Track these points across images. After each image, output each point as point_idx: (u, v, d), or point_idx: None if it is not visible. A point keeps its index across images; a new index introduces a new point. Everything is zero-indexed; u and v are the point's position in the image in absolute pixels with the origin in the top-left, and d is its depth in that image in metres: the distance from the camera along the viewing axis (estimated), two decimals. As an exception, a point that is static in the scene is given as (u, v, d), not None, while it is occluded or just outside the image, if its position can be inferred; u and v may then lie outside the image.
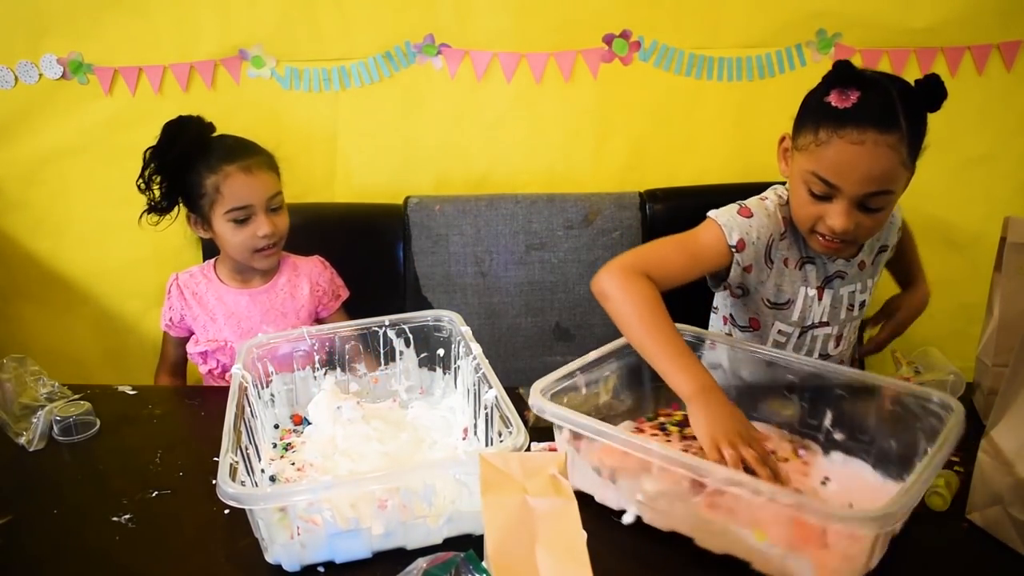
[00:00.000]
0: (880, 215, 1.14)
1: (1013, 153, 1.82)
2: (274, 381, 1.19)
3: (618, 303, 1.11)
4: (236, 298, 1.51)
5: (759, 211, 1.23)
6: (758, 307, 1.29)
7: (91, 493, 1.05)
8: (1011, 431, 0.90)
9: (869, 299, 1.34)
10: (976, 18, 1.72)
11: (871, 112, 1.08)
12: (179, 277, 1.53)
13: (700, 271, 1.22)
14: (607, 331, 1.14)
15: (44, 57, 1.74)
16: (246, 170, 1.41)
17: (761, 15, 1.75)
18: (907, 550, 0.91)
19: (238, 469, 0.88)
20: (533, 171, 1.87)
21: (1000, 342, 1.14)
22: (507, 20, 1.75)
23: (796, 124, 1.19)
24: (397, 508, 0.88)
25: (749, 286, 1.27)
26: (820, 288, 1.27)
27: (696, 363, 1.04)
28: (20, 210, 1.85)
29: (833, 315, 1.29)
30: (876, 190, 1.11)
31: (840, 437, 1.06)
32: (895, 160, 1.09)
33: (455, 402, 1.19)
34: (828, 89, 1.12)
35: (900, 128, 1.08)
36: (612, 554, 0.89)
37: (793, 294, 1.26)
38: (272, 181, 1.46)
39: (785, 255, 1.25)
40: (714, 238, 1.21)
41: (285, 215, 1.49)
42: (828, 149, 1.11)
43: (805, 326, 1.29)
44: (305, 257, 1.60)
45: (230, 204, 1.41)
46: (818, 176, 1.12)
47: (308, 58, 1.78)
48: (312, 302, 1.55)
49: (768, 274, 1.25)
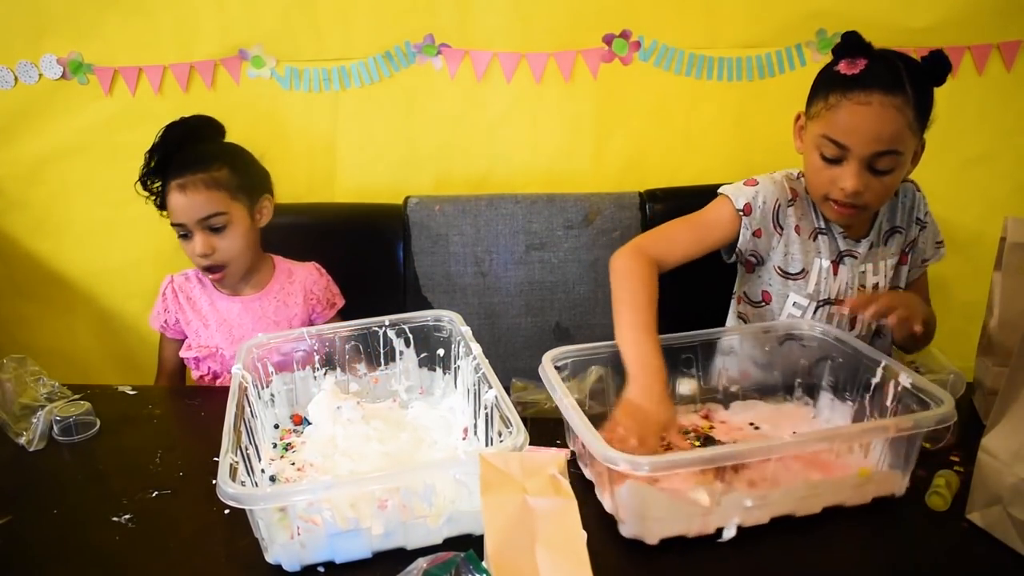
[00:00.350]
0: (888, 178, 1.20)
1: (1013, 153, 1.82)
2: (274, 381, 1.19)
3: (616, 280, 1.20)
4: (228, 305, 1.50)
5: (764, 180, 1.31)
6: (771, 277, 1.34)
7: (91, 493, 1.06)
8: (1011, 431, 0.90)
9: (886, 283, 1.36)
10: (976, 18, 1.72)
11: (878, 76, 1.16)
12: (174, 280, 1.52)
13: (711, 243, 1.30)
14: (607, 331, 1.14)
15: (44, 57, 1.74)
16: (180, 188, 1.39)
17: (761, 15, 1.75)
18: (907, 550, 0.91)
19: (238, 469, 0.88)
20: (533, 171, 1.87)
21: (1000, 342, 1.14)
22: (507, 20, 1.75)
23: (809, 97, 1.26)
24: (397, 508, 0.88)
25: (761, 253, 1.33)
26: (834, 263, 1.31)
27: (652, 346, 1.09)
28: (20, 210, 1.85)
29: (846, 295, 1.32)
30: (884, 149, 1.16)
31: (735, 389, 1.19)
32: (901, 121, 1.15)
33: (455, 402, 1.19)
34: (838, 60, 1.21)
35: (905, 91, 1.15)
36: (611, 553, 0.89)
37: (807, 264, 1.31)
38: (209, 201, 1.39)
39: (796, 222, 1.31)
40: (723, 208, 1.30)
41: (233, 236, 1.43)
42: (838, 112, 1.18)
43: (820, 300, 1.32)
44: (301, 263, 1.58)
45: (171, 219, 1.42)
46: (829, 138, 1.19)
47: (308, 58, 1.78)
48: (305, 310, 1.53)
49: (778, 240, 1.31)
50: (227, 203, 1.42)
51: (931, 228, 1.40)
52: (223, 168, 1.42)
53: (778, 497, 0.92)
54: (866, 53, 1.18)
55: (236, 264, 1.46)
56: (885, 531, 0.94)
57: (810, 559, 0.89)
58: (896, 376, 1.04)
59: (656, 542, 0.89)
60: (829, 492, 0.94)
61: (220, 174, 1.41)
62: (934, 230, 1.41)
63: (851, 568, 0.89)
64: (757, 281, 1.37)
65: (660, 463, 0.84)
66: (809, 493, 0.93)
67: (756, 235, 1.30)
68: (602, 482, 0.95)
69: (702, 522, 0.90)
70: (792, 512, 0.93)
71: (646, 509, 0.87)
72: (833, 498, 0.95)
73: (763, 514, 0.92)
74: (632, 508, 0.88)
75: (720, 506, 0.89)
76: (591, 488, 0.99)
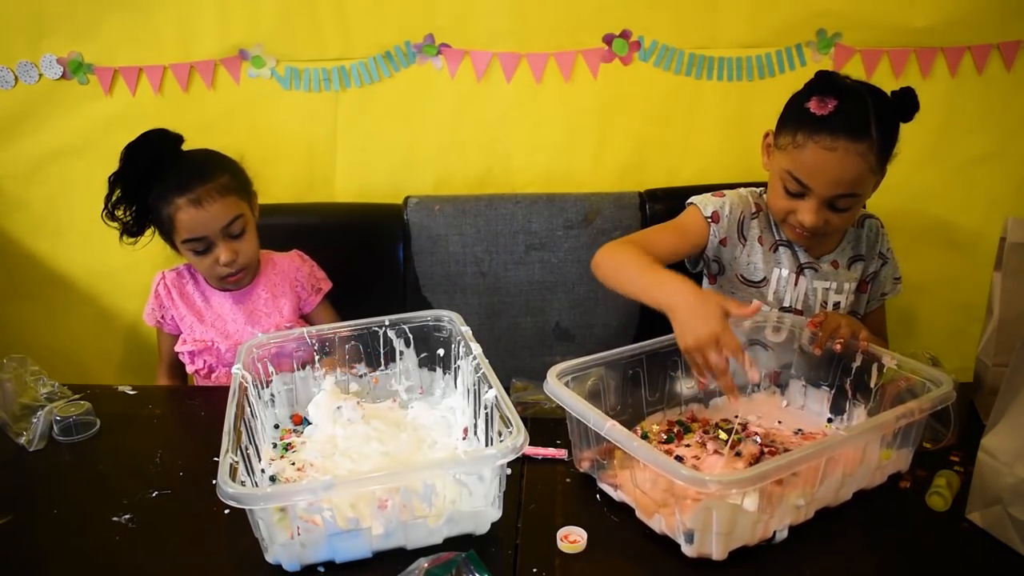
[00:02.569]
0: (847, 214, 1.26)
1: (1013, 153, 1.82)
2: (274, 381, 1.19)
3: (606, 263, 1.26)
4: (220, 299, 1.51)
5: (730, 193, 1.40)
6: (734, 286, 1.40)
7: (91, 493, 1.06)
8: (1011, 431, 0.90)
9: (847, 304, 1.40)
10: (976, 18, 1.72)
11: (845, 121, 1.19)
12: (166, 276, 1.53)
13: (686, 248, 1.37)
14: (607, 331, 1.15)
15: (44, 57, 1.74)
16: (195, 203, 1.37)
17: (761, 15, 1.74)
18: (907, 550, 0.91)
19: (238, 469, 0.87)
20: (533, 171, 1.87)
21: (1000, 342, 1.14)
22: (507, 20, 1.75)
23: (779, 124, 1.30)
24: (397, 508, 0.88)
25: (724, 261, 1.39)
26: (795, 274, 1.38)
27: (671, 274, 1.13)
28: (20, 210, 1.85)
29: (806, 306, 1.38)
30: (844, 192, 1.22)
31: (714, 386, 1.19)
32: (863, 167, 1.20)
33: (455, 402, 1.19)
34: (809, 95, 1.23)
35: (871, 137, 1.19)
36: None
37: (767, 272, 1.38)
38: (227, 208, 1.39)
39: (759, 234, 1.38)
40: (693, 215, 1.38)
41: (250, 237, 1.44)
42: (803, 152, 1.22)
43: (781, 307, 1.38)
44: (283, 253, 1.59)
45: (185, 235, 1.39)
46: (793, 175, 1.24)
47: (308, 58, 1.78)
48: (293, 298, 1.55)
49: (741, 250, 1.38)
50: (241, 205, 1.43)
51: (891, 264, 1.44)
52: (224, 173, 1.42)
53: (822, 492, 0.94)
54: (837, 93, 1.20)
55: (254, 263, 1.48)
56: (885, 531, 0.94)
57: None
58: (879, 359, 1.10)
59: (725, 556, 0.88)
60: (858, 479, 0.98)
61: (224, 179, 1.41)
62: (894, 266, 1.45)
63: (851, 568, 0.89)
64: (719, 291, 1.42)
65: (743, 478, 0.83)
66: (844, 483, 0.97)
67: (722, 243, 1.38)
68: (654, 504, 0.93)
69: (764, 527, 0.90)
70: (829, 504, 0.97)
71: (721, 525, 0.86)
72: (859, 484, 0.99)
73: (810, 510, 0.94)
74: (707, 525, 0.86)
75: (780, 509, 0.90)
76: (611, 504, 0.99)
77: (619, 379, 1.12)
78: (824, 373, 1.18)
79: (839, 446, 0.91)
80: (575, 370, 1.07)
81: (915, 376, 1.05)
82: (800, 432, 1.13)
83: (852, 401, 1.14)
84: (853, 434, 0.93)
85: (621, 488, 0.99)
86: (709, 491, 0.82)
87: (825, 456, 0.90)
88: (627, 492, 0.98)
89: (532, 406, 1.18)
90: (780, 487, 0.90)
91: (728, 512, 0.85)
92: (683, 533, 0.88)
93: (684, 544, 0.89)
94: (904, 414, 0.96)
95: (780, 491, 0.90)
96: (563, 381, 1.04)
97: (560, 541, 0.92)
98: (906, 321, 1.88)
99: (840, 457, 0.94)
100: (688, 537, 0.88)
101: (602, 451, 1.00)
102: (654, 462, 0.87)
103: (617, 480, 0.99)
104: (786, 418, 1.18)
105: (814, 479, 0.92)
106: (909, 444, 1.03)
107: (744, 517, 0.87)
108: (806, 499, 0.92)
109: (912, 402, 0.98)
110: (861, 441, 0.95)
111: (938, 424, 1.08)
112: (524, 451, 0.89)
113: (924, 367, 1.06)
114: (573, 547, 0.91)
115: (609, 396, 1.11)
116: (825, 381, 1.18)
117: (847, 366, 1.14)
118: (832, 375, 1.17)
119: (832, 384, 1.17)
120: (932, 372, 1.04)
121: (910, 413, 0.96)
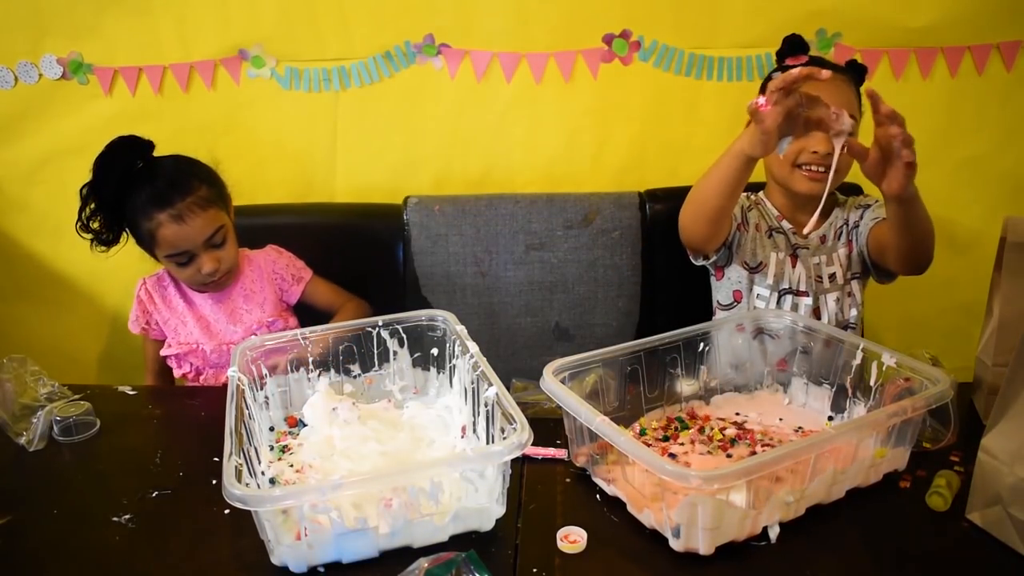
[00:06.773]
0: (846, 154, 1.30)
1: (1013, 153, 1.82)
2: (268, 383, 1.18)
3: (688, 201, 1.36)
4: (201, 300, 1.52)
5: None
6: (739, 275, 1.49)
7: (91, 493, 1.06)
8: (1011, 431, 0.90)
9: (842, 275, 1.47)
10: (976, 18, 1.72)
11: (823, 63, 1.35)
12: (147, 282, 1.53)
13: None
14: (607, 331, 1.15)
15: (44, 57, 1.74)
16: (177, 219, 1.36)
17: (761, 15, 1.75)
18: (907, 550, 0.91)
19: (243, 472, 0.87)
20: (533, 171, 1.87)
21: (1000, 342, 1.14)
22: (507, 20, 1.75)
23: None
24: (403, 507, 0.88)
25: (733, 248, 1.47)
26: (792, 256, 1.47)
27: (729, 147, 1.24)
28: (20, 210, 1.85)
29: (809, 284, 1.46)
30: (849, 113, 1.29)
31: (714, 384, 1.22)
32: (850, 93, 1.38)
33: (451, 401, 1.19)
34: (782, 59, 1.39)
35: (847, 72, 1.40)
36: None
37: (765, 257, 1.47)
38: (208, 221, 1.39)
39: (756, 221, 1.49)
40: None
41: (230, 244, 1.45)
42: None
43: (781, 290, 1.46)
44: (258, 250, 1.60)
45: (167, 251, 1.40)
46: None
47: (308, 58, 1.78)
48: (273, 292, 1.55)
49: (745, 235, 1.48)
50: (220, 215, 1.43)
51: (872, 208, 1.49)
52: (201, 185, 1.41)
53: (813, 489, 0.94)
54: (806, 52, 1.37)
55: (235, 267, 1.49)
56: (884, 531, 0.94)
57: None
58: (879, 357, 1.10)
59: (712, 551, 0.88)
60: (851, 476, 0.98)
61: (203, 191, 1.41)
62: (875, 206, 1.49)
63: (849, 567, 0.89)
64: (727, 284, 1.51)
65: (726, 474, 0.83)
66: (835, 480, 0.96)
67: (738, 228, 1.46)
68: (644, 498, 0.94)
69: (752, 523, 0.90)
70: (821, 501, 0.96)
71: (706, 520, 0.86)
72: (852, 481, 0.99)
73: (800, 507, 0.94)
74: (693, 520, 0.87)
75: (769, 504, 0.90)
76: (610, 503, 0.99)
77: (618, 376, 1.12)
78: (826, 370, 1.18)
79: (826, 443, 0.91)
80: (572, 366, 1.07)
81: (915, 375, 1.06)
82: (800, 430, 1.13)
83: (852, 399, 1.15)
84: (842, 431, 0.93)
85: (615, 483, 0.99)
86: (691, 486, 0.82)
87: (813, 452, 0.90)
88: (620, 487, 0.98)
89: (532, 406, 1.18)
90: (769, 482, 0.90)
91: (714, 507, 0.85)
92: (671, 528, 0.89)
93: (671, 538, 0.89)
94: (896, 412, 0.96)
95: (768, 486, 0.90)
96: (559, 377, 1.04)
97: (560, 541, 0.92)
98: (906, 321, 1.88)
99: (830, 453, 0.94)
100: (676, 532, 0.88)
101: (597, 446, 1.01)
102: (639, 456, 0.88)
103: (611, 475, 1.00)
104: (787, 415, 1.18)
105: (804, 475, 0.92)
106: (905, 443, 1.03)
107: (731, 512, 0.87)
108: (796, 495, 0.92)
109: (905, 400, 0.98)
110: (850, 438, 0.94)
111: (938, 424, 1.08)
112: (524, 451, 0.89)
113: (923, 366, 1.06)
114: (573, 547, 0.91)
115: (609, 393, 1.11)
116: (826, 379, 1.18)
117: (847, 363, 1.14)
118: (832, 372, 1.17)
119: (833, 382, 1.17)
120: (930, 371, 1.04)
121: (903, 411, 0.96)
